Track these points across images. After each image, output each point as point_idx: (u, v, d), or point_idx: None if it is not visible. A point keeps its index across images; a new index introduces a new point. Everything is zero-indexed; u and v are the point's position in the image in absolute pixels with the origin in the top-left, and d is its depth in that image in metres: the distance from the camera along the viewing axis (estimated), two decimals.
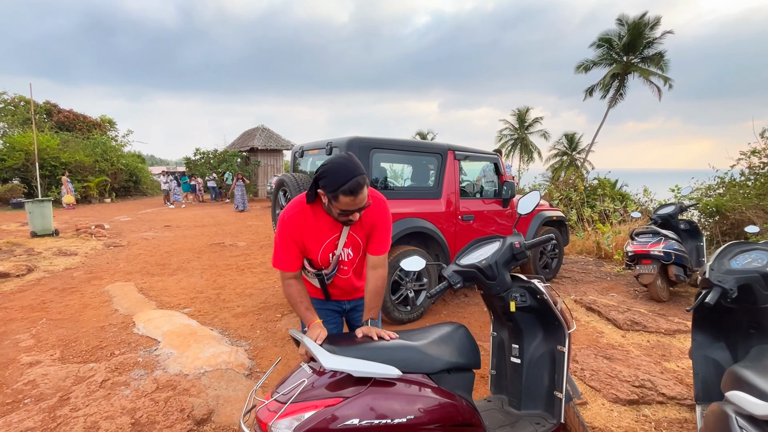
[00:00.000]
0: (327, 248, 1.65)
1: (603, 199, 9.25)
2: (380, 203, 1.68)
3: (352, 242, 1.69)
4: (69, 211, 14.09)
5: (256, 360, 3.06)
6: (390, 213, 1.73)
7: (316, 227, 1.61)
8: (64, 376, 2.73)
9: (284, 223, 1.59)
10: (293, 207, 1.61)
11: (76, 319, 3.87)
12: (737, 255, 1.94)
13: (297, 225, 1.59)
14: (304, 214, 1.59)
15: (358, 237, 1.69)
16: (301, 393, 1.29)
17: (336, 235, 1.64)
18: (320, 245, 1.63)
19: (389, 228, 1.72)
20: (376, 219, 1.66)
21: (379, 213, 1.67)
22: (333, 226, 1.63)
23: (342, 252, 1.68)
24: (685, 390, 2.57)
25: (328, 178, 1.45)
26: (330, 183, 1.45)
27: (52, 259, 6.36)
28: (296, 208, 1.60)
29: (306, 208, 1.60)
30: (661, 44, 24.75)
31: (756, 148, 7.04)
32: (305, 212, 1.60)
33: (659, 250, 4.30)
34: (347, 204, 1.47)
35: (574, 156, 33.43)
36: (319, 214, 1.61)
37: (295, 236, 1.59)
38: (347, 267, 1.74)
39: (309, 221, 1.60)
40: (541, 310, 1.85)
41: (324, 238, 1.62)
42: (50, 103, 23.65)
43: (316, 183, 1.52)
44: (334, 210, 1.52)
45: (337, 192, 1.44)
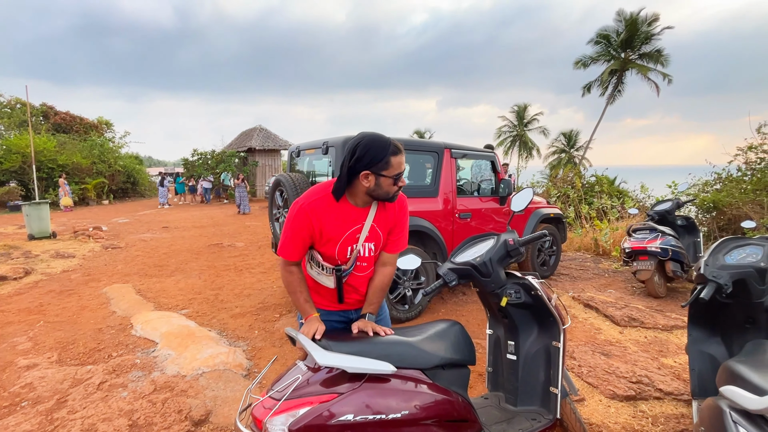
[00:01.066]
0: (347, 240, 1.55)
1: (600, 196, 9.26)
2: (402, 198, 1.66)
3: (374, 236, 1.60)
4: (66, 213, 14.06)
5: (254, 360, 3.07)
6: (408, 211, 1.71)
7: (340, 216, 1.52)
8: (62, 378, 2.73)
9: (303, 210, 1.48)
10: (315, 193, 1.52)
11: (74, 321, 3.87)
12: (732, 250, 1.94)
13: (318, 212, 1.48)
14: (327, 201, 1.51)
15: (381, 231, 1.61)
16: (295, 390, 1.29)
17: (358, 226, 1.55)
18: (341, 235, 1.53)
19: (407, 225, 1.71)
20: (399, 216, 1.64)
21: (402, 210, 1.65)
22: (357, 216, 1.55)
23: (362, 247, 1.58)
24: (682, 385, 2.58)
25: (370, 152, 1.43)
26: (376, 154, 1.43)
27: (50, 262, 6.34)
28: (318, 195, 1.51)
29: (329, 195, 1.51)
30: (659, 40, 24.79)
31: (753, 144, 7.06)
32: (328, 199, 1.51)
33: (656, 246, 4.31)
34: (399, 164, 1.46)
35: (573, 153, 33.47)
36: (343, 203, 1.53)
37: (314, 224, 1.49)
38: (366, 264, 1.63)
39: (332, 209, 1.51)
40: (535, 306, 1.85)
41: (346, 228, 1.53)
42: (47, 105, 23.59)
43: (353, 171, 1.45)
44: (385, 185, 1.47)
45: (388, 155, 1.44)
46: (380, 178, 1.46)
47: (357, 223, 1.56)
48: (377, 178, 1.46)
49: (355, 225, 1.55)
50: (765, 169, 6.83)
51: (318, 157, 4.15)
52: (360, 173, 1.45)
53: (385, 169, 1.45)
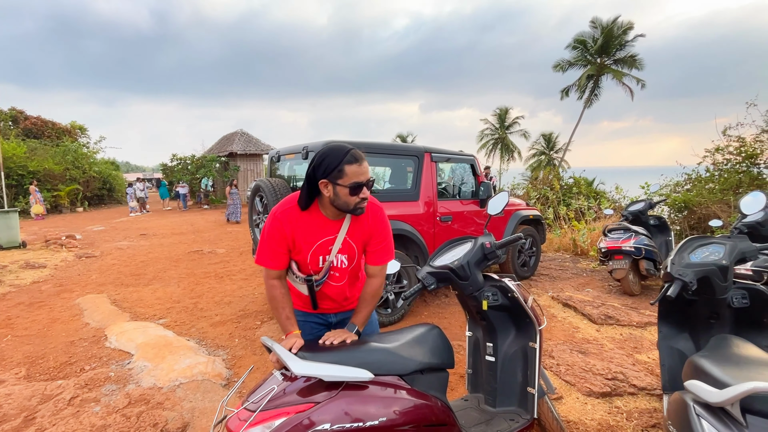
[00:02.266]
0: (318, 250, 1.55)
1: (578, 197, 9.50)
2: (378, 210, 1.62)
3: (348, 249, 1.59)
4: (38, 222, 13.52)
5: (234, 369, 3.01)
6: (389, 222, 1.66)
7: (311, 227, 1.53)
8: (30, 395, 2.61)
9: (276, 218, 1.50)
10: (288, 202, 1.54)
11: (44, 334, 3.72)
12: (696, 249, 2.02)
13: (290, 221, 1.51)
14: (299, 212, 1.52)
15: (354, 244, 1.59)
16: (271, 400, 1.27)
17: (331, 237, 1.55)
18: (311, 245, 1.54)
19: (389, 237, 1.66)
20: (374, 226, 1.60)
21: (376, 219, 1.61)
22: (329, 228, 1.55)
23: (335, 258, 1.58)
24: (655, 380, 2.67)
25: (326, 160, 1.42)
26: (330, 162, 1.41)
27: (19, 273, 6.08)
28: (291, 203, 1.53)
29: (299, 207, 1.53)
30: (633, 46, 25.70)
31: (719, 146, 7.37)
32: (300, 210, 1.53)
33: (630, 246, 4.45)
34: (355, 173, 1.41)
35: (552, 155, 34.25)
36: (316, 214, 1.54)
37: (287, 233, 1.50)
38: (339, 274, 1.63)
39: (304, 219, 1.52)
40: (512, 308, 1.89)
41: (317, 239, 1.54)
42: (16, 109, 22.67)
43: (313, 180, 1.45)
44: (342, 195, 1.43)
45: (342, 164, 1.40)
46: (336, 188, 1.44)
47: (329, 234, 1.55)
48: (334, 187, 1.44)
49: (326, 236, 1.55)
50: (731, 170, 7.14)
51: (298, 161, 4.13)
52: (318, 182, 1.45)
53: (339, 178, 1.42)
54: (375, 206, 1.63)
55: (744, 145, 6.99)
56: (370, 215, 1.61)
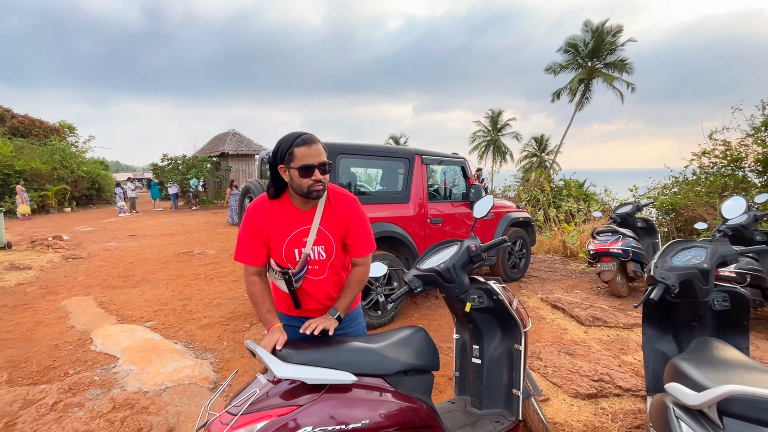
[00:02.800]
0: (292, 242, 1.56)
1: (568, 199, 9.60)
2: (351, 201, 1.64)
3: (323, 239, 1.59)
4: (24, 222, 13.28)
5: (222, 372, 2.98)
6: (365, 213, 1.67)
7: (282, 218, 1.56)
8: (11, 400, 2.57)
9: (249, 213, 1.56)
10: (259, 198, 1.60)
11: (28, 337, 3.65)
12: (678, 252, 2.05)
13: (262, 215, 1.55)
14: (270, 205, 1.57)
15: (330, 234, 1.59)
16: (253, 404, 1.27)
17: (305, 228, 1.56)
18: (285, 238, 1.56)
19: (367, 228, 1.67)
20: (349, 217, 1.61)
21: (350, 210, 1.62)
22: (301, 218, 1.57)
23: (312, 251, 1.58)
24: (640, 382, 2.70)
25: (281, 146, 1.48)
26: (283, 147, 1.47)
27: (3, 275, 5.96)
28: (262, 199, 1.59)
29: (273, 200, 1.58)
30: (623, 50, 26.07)
31: (706, 149, 7.50)
32: (272, 203, 1.57)
33: (618, 248, 4.50)
34: (304, 155, 1.44)
35: (543, 157, 34.56)
36: (287, 205, 1.57)
37: (260, 227, 1.54)
38: (318, 267, 1.62)
39: (275, 211, 1.56)
40: (498, 310, 1.90)
41: (289, 230, 1.56)
42: (3, 107, 22.25)
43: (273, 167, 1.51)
44: (295, 178, 1.46)
45: (292, 147, 1.44)
46: (290, 171, 1.47)
47: (301, 225, 1.57)
48: (289, 171, 1.48)
49: (299, 227, 1.57)
50: (717, 173, 7.27)
51: None
52: (278, 168, 1.50)
53: (291, 161, 1.46)
54: (348, 197, 1.64)
55: (729, 149, 7.12)
56: (344, 205, 1.62)
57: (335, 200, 1.61)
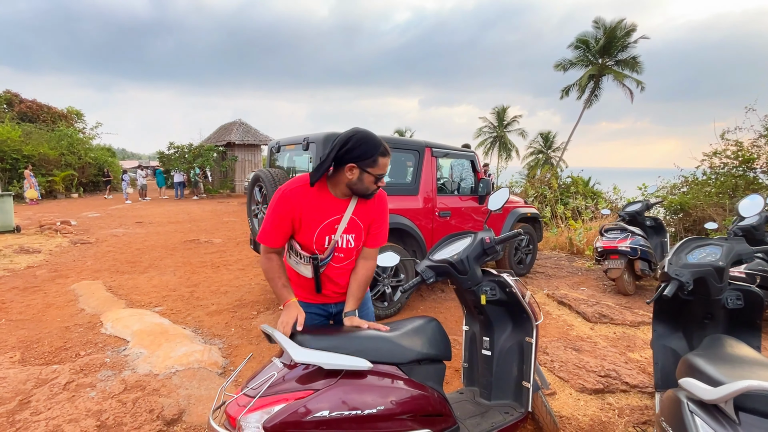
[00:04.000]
0: (324, 230, 1.57)
1: (575, 196, 9.54)
2: (382, 194, 1.70)
3: (354, 228, 1.62)
4: (32, 207, 13.40)
5: (230, 358, 3.02)
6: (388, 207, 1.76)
7: (318, 205, 1.56)
8: (25, 378, 2.61)
9: (284, 196, 1.53)
10: (296, 181, 1.57)
11: (39, 319, 3.71)
12: (693, 250, 2.04)
13: (298, 199, 1.53)
14: (307, 191, 1.55)
15: (361, 223, 1.63)
16: (270, 386, 1.28)
17: (337, 216, 1.58)
18: (318, 224, 1.56)
19: (387, 221, 1.74)
20: (379, 211, 1.69)
21: (382, 205, 1.70)
22: (336, 207, 1.58)
23: (341, 238, 1.61)
24: (647, 378, 2.70)
25: (363, 147, 1.48)
26: (367, 150, 1.49)
27: (13, 257, 6.04)
28: (298, 183, 1.56)
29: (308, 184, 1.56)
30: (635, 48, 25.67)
31: (717, 150, 7.41)
32: (308, 189, 1.56)
33: (626, 246, 4.48)
34: (384, 166, 1.53)
35: (550, 154, 34.31)
36: (324, 193, 1.57)
37: (294, 211, 1.53)
38: (344, 255, 1.64)
39: (312, 198, 1.55)
40: (510, 303, 1.90)
41: (324, 218, 1.56)
42: (11, 92, 22.34)
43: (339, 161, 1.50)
44: (367, 181, 1.52)
45: (377, 155, 1.50)
46: (364, 174, 1.52)
47: (336, 213, 1.59)
48: (361, 173, 1.51)
49: (333, 215, 1.59)
50: (727, 173, 7.19)
51: (298, 152, 4.11)
52: (346, 164, 1.50)
53: (371, 167, 1.51)
54: (381, 191, 1.71)
55: (741, 149, 7.03)
56: (377, 196, 1.67)
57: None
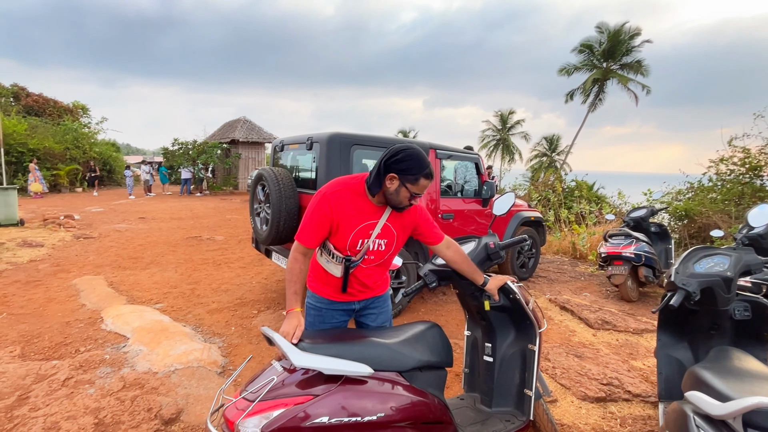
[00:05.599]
0: (359, 233, 1.62)
1: (580, 200, 9.49)
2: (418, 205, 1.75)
3: (387, 234, 1.67)
4: (36, 200, 13.46)
5: (230, 357, 3.00)
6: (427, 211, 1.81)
7: (357, 209, 1.62)
8: (24, 374, 2.61)
9: (326, 198, 1.59)
10: (339, 184, 1.64)
11: (40, 314, 3.71)
12: (701, 259, 2.01)
13: (340, 202, 1.59)
14: (348, 193, 1.62)
15: (395, 229, 1.68)
16: (270, 391, 1.27)
17: (373, 221, 1.63)
18: (354, 228, 1.61)
19: (432, 222, 1.80)
20: (415, 216, 1.74)
21: (417, 213, 1.75)
22: (373, 212, 1.64)
23: (374, 242, 1.65)
24: (650, 388, 2.67)
25: (410, 162, 1.53)
26: (414, 166, 1.53)
27: (16, 251, 6.06)
28: (342, 186, 1.63)
29: (351, 188, 1.63)
30: (640, 52, 25.55)
31: (724, 156, 7.35)
32: (350, 192, 1.62)
33: (630, 252, 4.44)
34: (424, 187, 1.58)
35: (554, 157, 34.18)
36: (363, 198, 1.63)
37: (334, 214, 1.58)
38: (374, 257, 1.69)
39: (352, 201, 1.61)
40: (513, 309, 1.88)
41: (360, 221, 1.62)
42: (18, 85, 22.48)
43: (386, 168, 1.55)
44: (403, 195, 1.57)
45: (420, 176, 1.54)
46: (402, 188, 1.56)
47: (372, 218, 1.64)
48: (400, 186, 1.56)
49: (369, 220, 1.63)
50: (734, 180, 7.13)
51: (302, 152, 4.09)
52: (389, 173, 1.55)
53: (412, 183, 1.56)
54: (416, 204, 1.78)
55: (749, 156, 6.97)
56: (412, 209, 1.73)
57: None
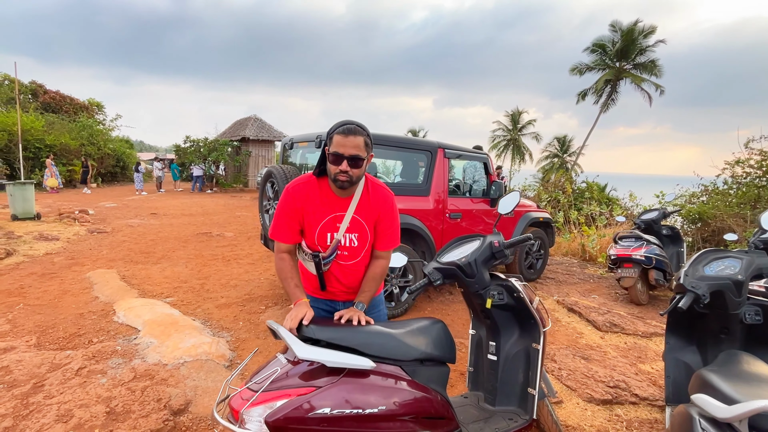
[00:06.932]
0: (326, 226, 1.59)
1: (590, 202, 9.38)
2: (388, 195, 1.68)
3: (357, 227, 1.62)
4: (52, 195, 13.78)
5: (238, 351, 3.05)
6: (397, 210, 1.71)
7: (320, 201, 1.59)
8: (39, 362, 2.69)
9: (288, 193, 1.58)
10: (300, 178, 1.62)
11: (55, 305, 3.81)
12: (711, 262, 1.98)
13: (301, 195, 1.58)
14: (310, 186, 1.59)
15: (364, 222, 1.63)
16: (273, 382, 1.29)
17: (339, 214, 1.60)
18: (320, 221, 1.59)
19: (396, 223, 1.71)
20: (382, 209, 1.65)
21: (385, 202, 1.66)
22: (337, 204, 1.60)
23: (344, 237, 1.61)
24: (658, 391, 2.64)
25: (335, 125, 1.51)
26: (330, 130, 1.51)
27: (33, 244, 6.22)
28: (302, 180, 1.61)
29: (313, 180, 1.60)
30: (654, 52, 25.10)
31: (740, 158, 7.19)
32: (311, 184, 1.60)
33: (641, 255, 4.38)
34: (338, 143, 1.46)
35: (565, 158, 33.80)
36: (326, 190, 1.60)
37: (298, 207, 1.57)
38: (348, 253, 1.65)
39: (314, 193, 1.59)
40: (517, 308, 1.88)
41: (325, 214, 1.59)
42: (36, 83, 23.00)
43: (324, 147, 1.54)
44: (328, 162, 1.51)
45: (333, 133, 1.48)
46: (328, 154, 1.52)
47: (337, 210, 1.61)
48: (326, 155, 1.53)
49: (334, 212, 1.60)
50: (750, 183, 6.97)
51: (311, 150, 4.13)
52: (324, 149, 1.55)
53: (328, 145, 1.51)
54: (385, 191, 1.69)
55: (766, 158, 6.81)
56: (381, 197, 1.66)
57: (373, 191, 1.65)
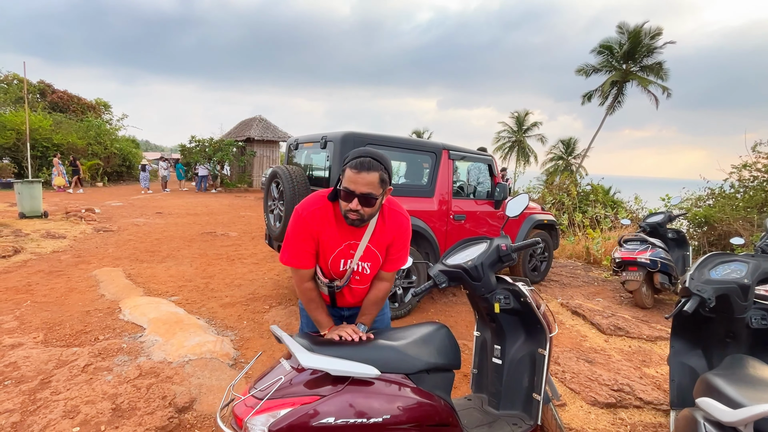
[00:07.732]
0: (340, 254, 1.55)
1: (595, 204, 9.33)
2: (404, 220, 1.61)
3: (370, 256, 1.58)
4: (59, 194, 13.91)
5: (242, 350, 3.07)
6: (410, 231, 1.66)
7: (335, 228, 1.51)
8: (47, 359, 2.72)
9: (302, 218, 1.49)
10: (315, 203, 1.51)
11: (62, 302, 3.84)
12: (717, 266, 1.97)
13: (316, 221, 1.49)
14: (325, 212, 1.50)
15: (377, 251, 1.59)
16: (278, 390, 1.29)
17: (353, 242, 1.54)
18: (334, 249, 1.53)
19: (407, 246, 1.66)
20: (396, 233, 1.59)
21: (399, 227, 1.60)
22: (352, 233, 1.53)
23: (357, 265, 1.58)
24: (662, 395, 2.63)
25: (349, 156, 1.42)
26: (346, 159, 1.42)
27: (40, 242, 6.28)
28: (318, 204, 1.50)
29: (328, 206, 1.51)
30: (661, 53, 24.94)
31: (747, 162, 7.14)
32: (327, 210, 1.51)
33: (646, 258, 4.36)
34: (350, 180, 1.38)
35: (570, 161, 33.65)
36: (340, 216, 1.51)
37: (313, 233, 1.49)
38: (360, 278, 1.63)
39: (329, 220, 1.51)
40: (524, 312, 1.87)
41: (340, 242, 1.53)
42: (44, 82, 23.26)
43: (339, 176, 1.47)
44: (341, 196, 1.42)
45: (346, 166, 1.39)
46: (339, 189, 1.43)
47: (351, 239, 1.55)
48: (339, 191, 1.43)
49: (348, 240, 1.55)
50: (757, 187, 6.92)
51: (316, 151, 4.15)
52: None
53: (343, 179, 1.41)
54: (401, 216, 1.62)
55: None
56: (396, 223, 1.60)
57: (389, 218, 1.58)
